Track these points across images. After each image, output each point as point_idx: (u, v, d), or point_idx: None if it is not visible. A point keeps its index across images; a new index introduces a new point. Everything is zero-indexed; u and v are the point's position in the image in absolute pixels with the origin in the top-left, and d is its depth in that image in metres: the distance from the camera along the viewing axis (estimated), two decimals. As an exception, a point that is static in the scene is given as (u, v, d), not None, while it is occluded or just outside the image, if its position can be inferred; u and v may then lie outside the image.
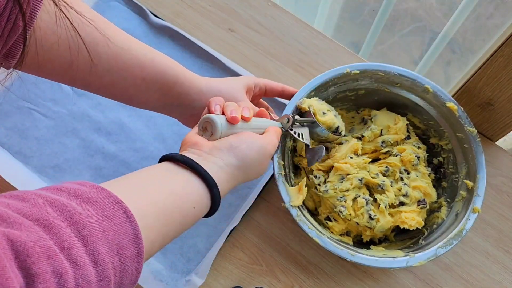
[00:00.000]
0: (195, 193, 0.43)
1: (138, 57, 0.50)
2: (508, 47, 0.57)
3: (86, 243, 0.32)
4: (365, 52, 1.11)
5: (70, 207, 0.32)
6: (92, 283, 0.31)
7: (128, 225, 0.35)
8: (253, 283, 0.63)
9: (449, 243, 0.57)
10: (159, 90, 0.52)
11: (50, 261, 0.29)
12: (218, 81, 0.56)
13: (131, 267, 0.35)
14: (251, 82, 0.58)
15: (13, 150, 0.68)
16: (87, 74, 0.48)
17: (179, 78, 0.52)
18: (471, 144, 0.61)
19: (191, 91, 0.53)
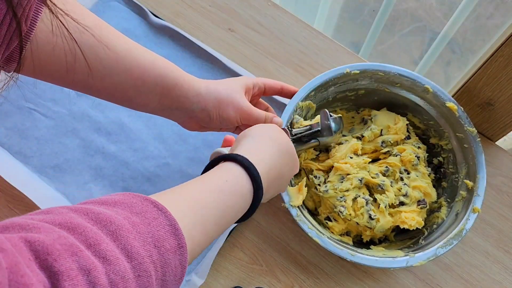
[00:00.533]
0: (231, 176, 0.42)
1: (139, 60, 0.50)
2: (508, 47, 0.57)
3: (115, 238, 0.30)
4: (365, 52, 1.11)
5: (95, 210, 0.31)
6: (129, 279, 0.29)
7: (162, 217, 0.33)
8: (253, 283, 0.63)
9: (449, 243, 0.57)
10: (159, 93, 0.52)
11: (75, 257, 0.27)
12: (216, 83, 0.56)
13: (174, 261, 0.32)
14: (249, 82, 0.58)
15: (13, 150, 0.68)
16: (87, 78, 0.48)
17: (179, 81, 0.52)
18: (471, 144, 0.61)
19: (189, 94, 0.53)
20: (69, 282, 0.26)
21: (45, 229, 0.28)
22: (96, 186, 0.67)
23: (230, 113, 0.54)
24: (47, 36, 0.43)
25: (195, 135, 0.70)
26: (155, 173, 0.68)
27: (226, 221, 0.41)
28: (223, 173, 0.42)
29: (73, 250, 0.27)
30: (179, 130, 0.71)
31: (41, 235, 0.27)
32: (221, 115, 0.54)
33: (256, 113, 0.56)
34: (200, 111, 0.54)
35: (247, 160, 0.43)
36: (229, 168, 0.43)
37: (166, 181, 0.68)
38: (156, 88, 0.51)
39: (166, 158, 0.69)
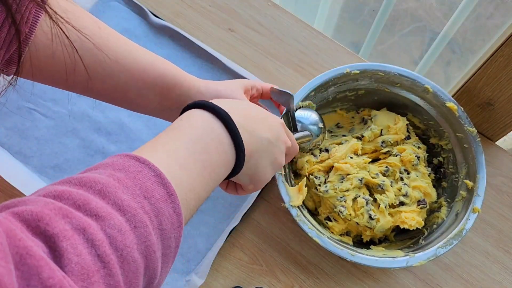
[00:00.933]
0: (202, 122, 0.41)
1: (139, 61, 0.50)
2: (508, 47, 0.57)
3: (104, 196, 0.29)
4: (365, 52, 1.11)
5: (77, 176, 0.30)
6: (126, 231, 0.29)
7: (146, 169, 0.33)
8: (253, 283, 0.63)
9: (449, 243, 0.57)
10: (159, 93, 0.52)
11: (66, 219, 0.27)
12: (215, 83, 0.56)
13: (167, 209, 0.32)
14: (248, 84, 0.58)
15: (13, 150, 0.68)
16: (86, 81, 0.48)
17: (178, 80, 0.52)
18: (471, 144, 0.61)
19: (190, 93, 0.53)
20: (66, 242, 0.25)
21: (30, 201, 0.28)
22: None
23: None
24: (47, 42, 0.43)
25: (195, 135, 0.70)
26: (155, 173, 0.68)
27: (212, 165, 0.40)
28: (193, 120, 0.41)
29: (63, 213, 0.27)
30: (179, 130, 0.71)
31: (27, 206, 0.27)
32: None
33: None
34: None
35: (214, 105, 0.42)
36: (197, 113, 0.42)
37: (166, 181, 0.68)
38: (156, 88, 0.51)
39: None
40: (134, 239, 0.29)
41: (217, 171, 0.41)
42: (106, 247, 0.27)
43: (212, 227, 0.65)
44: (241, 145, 0.42)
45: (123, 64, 0.49)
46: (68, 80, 0.47)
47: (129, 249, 0.29)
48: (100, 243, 0.27)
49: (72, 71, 0.46)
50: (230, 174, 0.43)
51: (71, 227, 0.26)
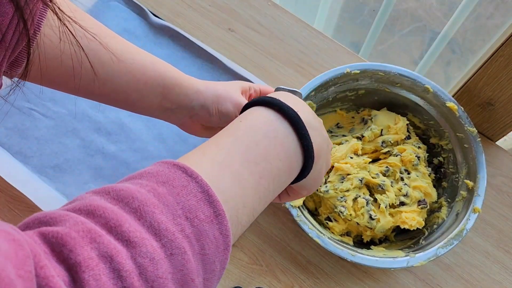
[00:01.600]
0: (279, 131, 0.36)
1: (139, 61, 0.50)
2: (508, 47, 0.57)
3: (140, 216, 0.26)
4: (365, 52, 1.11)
5: (117, 187, 0.28)
6: (160, 260, 0.26)
7: (192, 184, 0.29)
8: (253, 283, 0.63)
9: (450, 243, 0.56)
10: (160, 94, 0.52)
11: (94, 244, 0.24)
12: (214, 83, 0.56)
13: (211, 231, 0.29)
14: (245, 85, 0.58)
15: (13, 150, 0.68)
16: (91, 83, 0.48)
17: (178, 81, 0.52)
18: (471, 144, 0.61)
19: (189, 92, 0.53)
20: (88, 273, 0.23)
21: (61, 217, 0.25)
22: (96, 186, 0.67)
23: (229, 108, 0.54)
24: (53, 42, 0.43)
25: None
26: (155, 173, 0.68)
27: (271, 174, 0.35)
28: (253, 121, 0.37)
29: (91, 236, 0.24)
30: (179, 130, 0.71)
31: (57, 226, 0.25)
32: (220, 110, 0.54)
33: None
34: (200, 107, 0.54)
35: (281, 103, 0.37)
36: (259, 113, 0.37)
37: (166, 181, 0.68)
38: (157, 89, 0.52)
39: (166, 158, 0.69)
40: (169, 268, 0.26)
41: (278, 180, 0.37)
42: (134, 278, 0.25)
43: (212, 227, 0.65)
44: (311, 149, 0.38)
45: (124, 65, 0.49)
46: (74, 82, 0.47)
47: (162, 280, 0.26)
48: (127, 274, 0.24)
49: (78, 73, 0.46)
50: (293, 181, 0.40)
51: (97, 254, 0.24)
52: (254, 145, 0.35)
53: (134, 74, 0.49)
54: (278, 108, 0.37)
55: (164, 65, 0.52)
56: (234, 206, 0.32)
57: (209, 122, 0.56)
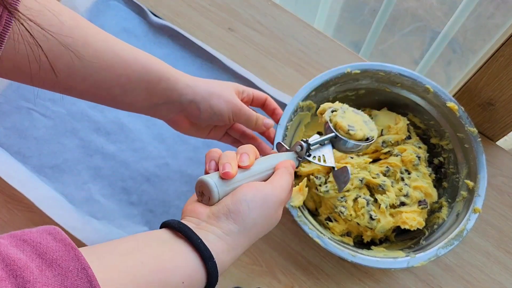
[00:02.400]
0: (186, 266, 0.37)
1: (121, 56, 0.48)
2: (509, 47, 0.57)
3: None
4: (365, 52, 1.10)
5: (26, 273, 0.28)
6: None
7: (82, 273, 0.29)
8: (253, 283, 0.62)
9: (450, 243, 0.56)
10: (144, 88, 0.50)
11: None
12: (206, 80, 0.55)
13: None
14: (239, 87, 0.57)
15: (12, 150, 0.68)
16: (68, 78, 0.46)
17: (164, 74, 0.51)
18: (472, 144, 0.61)
19: (177, 86, 0.51)
20: None
21: None
22: (95, 186, 0.67)
23: (221, 106, 0.53)
24: (11, 41, 0.41)
25: (195, 135, 0.70)
26: (155, 173, 0.68)
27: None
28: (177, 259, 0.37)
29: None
30: (179, 130, 0.71)
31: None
32: (212, 107, 0.53)
33: (248, 110, 0.55)
34: (189, 103, 0.52)
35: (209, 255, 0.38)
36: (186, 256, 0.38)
37: (165, 181, 0.68)
38: (141, 84, 0.50)
39: (165, 158, 0.69)
40: None
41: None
42: None
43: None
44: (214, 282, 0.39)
45: (104, 60, 0.47)
46: (34, 80, 0.45)
47: None
48: None
49: (37, 72, 0.43)
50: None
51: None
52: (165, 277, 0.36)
53: (115, 68, 0.48)
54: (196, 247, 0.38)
55: (148, 58, 0.50)
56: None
57: (198, 118, 0.54)
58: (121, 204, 0.66)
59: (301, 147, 0.50)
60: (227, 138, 0.60)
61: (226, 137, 0.60)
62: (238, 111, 0.54)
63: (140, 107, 0.53)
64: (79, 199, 0.66)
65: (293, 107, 0.62)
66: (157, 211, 0.66)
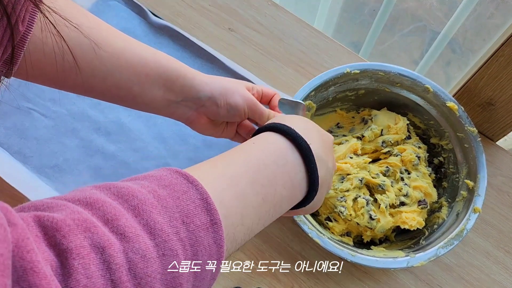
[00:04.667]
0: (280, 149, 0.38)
1: (140, 54, 0.49)
2: (509, 47, 0.57)
3: (137, 213, 0.27)
4: (365, 52, 1.11)
5: (118, 185, 0.28)
6: (151, 258, 0.26)
7: (192, 190, 0.30)
8: (253, 283, 0.62)
9: (450, 243, 0.56)
10: (163, 86, 0.51)
11: (88, 233, 0.24)
12: (219, 77, 0.56)
13: (207, 239, 0.29)
14: (248, 84, 0.58)
15: (12, 150, 0.68)
16: (89, 77, 0.47)
17: (181, 72, 0.52)
18: (472, 144, 0.61)
19: (194, 83, 0.52)
20: (78, 261, 0.23)
21: (59, 206, 0.26)
22: (96, 186, 0.67)
23: (238, 100, 0.54)
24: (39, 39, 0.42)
25: (195, 135, 0.70)
26: (155, 173, 0.68)
27: (274, 199, 0.36)
28: (266, 145, 0.38)
29: (87, 226, 0.24)
30: (179, 130, 0.71)
31: (54, 212, 0.25)
32: (229, 102, 0.53)
33: (261, 106, 0.56)
34: (207, 99, 0.53)
35: (296, 133, 0.39)
36: (273, 139, 0.39)
37: (165, 181, 0.68)
38: (159, 81, 0.51)
39: (166, 158, 0.69)
40: (159, 268, 0.26)
41: (279, 206, 0.37)
42: (123, 272, 0.24)
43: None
44: (316, 183, 0.39)
45: (124, 59, 0.48)
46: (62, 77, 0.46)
47: (150, 278, 0.26)
48: (117, 267, 0.24)
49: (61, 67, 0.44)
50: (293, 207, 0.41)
51: (90, 244, 0.24)
52: (263, 168, 0.36)
53: (134, 67, 0.49)
54: (292, 138, 0.39)
55: (166, 58, 0.52)
56: (233, 222, 0.32)
57: (216, 115, 0.55)
58: (121, 204, 0.66)
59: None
60: (238, 137, 0.61)
61: (238, 137, 0.61)
62: (254, 106, 0.55)
63: (158, 106, 0.54)
64: (79, 199, 0.66)
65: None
66: (157, 211, 0.66)
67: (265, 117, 0.57)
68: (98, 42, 0.46)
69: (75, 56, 0.44)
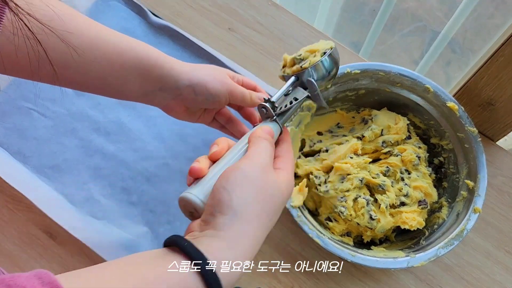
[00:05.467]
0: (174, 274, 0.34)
1: (114, 44, 0.49)
2: (509, 47, 0.57)
3: None
4: (365, 52, 1.11)
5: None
6: None
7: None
8: (253, 283, 0.62)
9: (450, 243, 0.56)
10: (139, 76, 0.51)
11: None
12: (199, 64, 0.55)
13: None
14: (229, 72, 0.57)
15: (12, 150, 0.68)
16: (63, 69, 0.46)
17: (158, 61, 0.51)
18: (472, 144, 0.61)
19: (172, 72, 0.52)
20: None
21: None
22: (96, 186, 0.67)
23: (218, 87, 0.53)
24: (8, 36, 0.41)
25: (195, 135, 0.70)
26: (155, 173, 0.68)
27: None
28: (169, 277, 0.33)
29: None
30: (179, 130, 0.71)
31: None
32: (209, 89, 0.52)
33: (241, 88, 0.55)
34: (185, 87, 0.52)
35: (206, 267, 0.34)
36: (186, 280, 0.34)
37: (165, 181, 0.68)
38: (135, 71, 0.50)
39: (165, 158, 0.69)
40: None
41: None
42: None
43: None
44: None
45: (98, 49, 0.48)
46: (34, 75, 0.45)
47: None
48: None
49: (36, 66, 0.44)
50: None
51: None
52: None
53: (108, 58, 0.48)
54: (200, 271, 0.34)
55: (142, 47, 0.51)
56: None
57: (194, 102, 0.54)
58: (121, 204, 0.66)
59: (265, 109, 0.48)
60: (215, 123, 0.60)
61: (214, 123, 0.60)
62: (234, 90, 0.54)
63: (136, 95, 0.53)
64: (79, 199, 0.66)
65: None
66: (157, 211, 0.66)
67: (247, 97, 0.55)
68: (72, 33, 0.45)
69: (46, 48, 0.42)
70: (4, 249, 0.63)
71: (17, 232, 0.64)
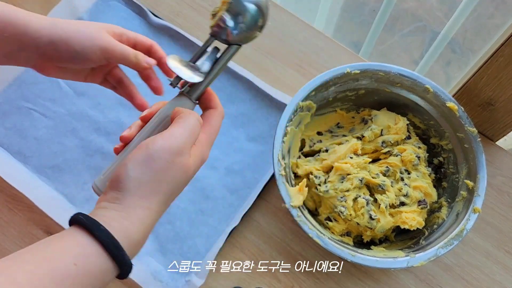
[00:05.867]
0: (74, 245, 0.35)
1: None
2: (509, 47, 0.57)
3: None
4: (365, 52, 1.11)
5: None
6: None
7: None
8: (253, 283, 0.62)
9: (450, 243, 0.56)
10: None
11: None
12: (70, 20, 0.50)
13: None
14: (115, 28, 0.52)
15: (12, 150, 0.68)
16: None
17: (11, 19, 0.47)
18: (472, 144, 0.61)
19: (28, 30, 0.47)
20: None
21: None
22: (96, 186, 0.67)
23: (85, 44, 0.48)
24: None
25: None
26: (155, 173, 0.68)
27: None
28: (72, 250, 0.35)
29: None
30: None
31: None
32: (73, 46, 0.48)
33: (123, 46, 0.50)
34: (46, 45, 0.48)
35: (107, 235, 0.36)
36: (80, 243, 0.35)
37: (165, 181, 0.68)
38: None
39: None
40: None
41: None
42: None
43: (212, 228, 0.65)
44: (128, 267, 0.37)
45: None
46: None
47: None
48: None
49: None
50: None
51: None
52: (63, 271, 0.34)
53: None
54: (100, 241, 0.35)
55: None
56: None
57: (59, 61, 0.50)
58: (121, 204, 0.66)
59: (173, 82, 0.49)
60: (107, 84, 0.57)
61: (106, 83, 0.56)
62: (110, 48, 0.49)
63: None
64: (79, 199, 0.66)
65: (293, 107, 0.62)
66: (157, 211, 0.66)
67: (130, 56, 0.51)
68: None
69: None
70: (4, 249, 0.63)
71: (17, 232, 0.65)
